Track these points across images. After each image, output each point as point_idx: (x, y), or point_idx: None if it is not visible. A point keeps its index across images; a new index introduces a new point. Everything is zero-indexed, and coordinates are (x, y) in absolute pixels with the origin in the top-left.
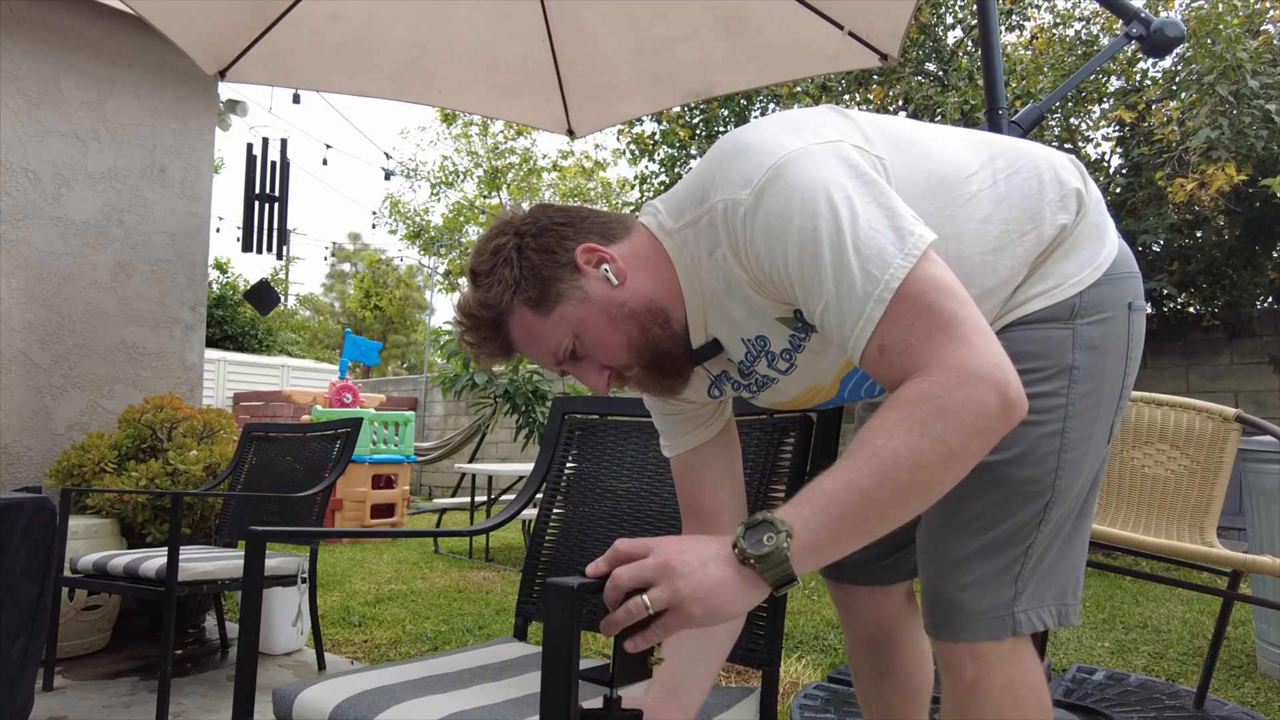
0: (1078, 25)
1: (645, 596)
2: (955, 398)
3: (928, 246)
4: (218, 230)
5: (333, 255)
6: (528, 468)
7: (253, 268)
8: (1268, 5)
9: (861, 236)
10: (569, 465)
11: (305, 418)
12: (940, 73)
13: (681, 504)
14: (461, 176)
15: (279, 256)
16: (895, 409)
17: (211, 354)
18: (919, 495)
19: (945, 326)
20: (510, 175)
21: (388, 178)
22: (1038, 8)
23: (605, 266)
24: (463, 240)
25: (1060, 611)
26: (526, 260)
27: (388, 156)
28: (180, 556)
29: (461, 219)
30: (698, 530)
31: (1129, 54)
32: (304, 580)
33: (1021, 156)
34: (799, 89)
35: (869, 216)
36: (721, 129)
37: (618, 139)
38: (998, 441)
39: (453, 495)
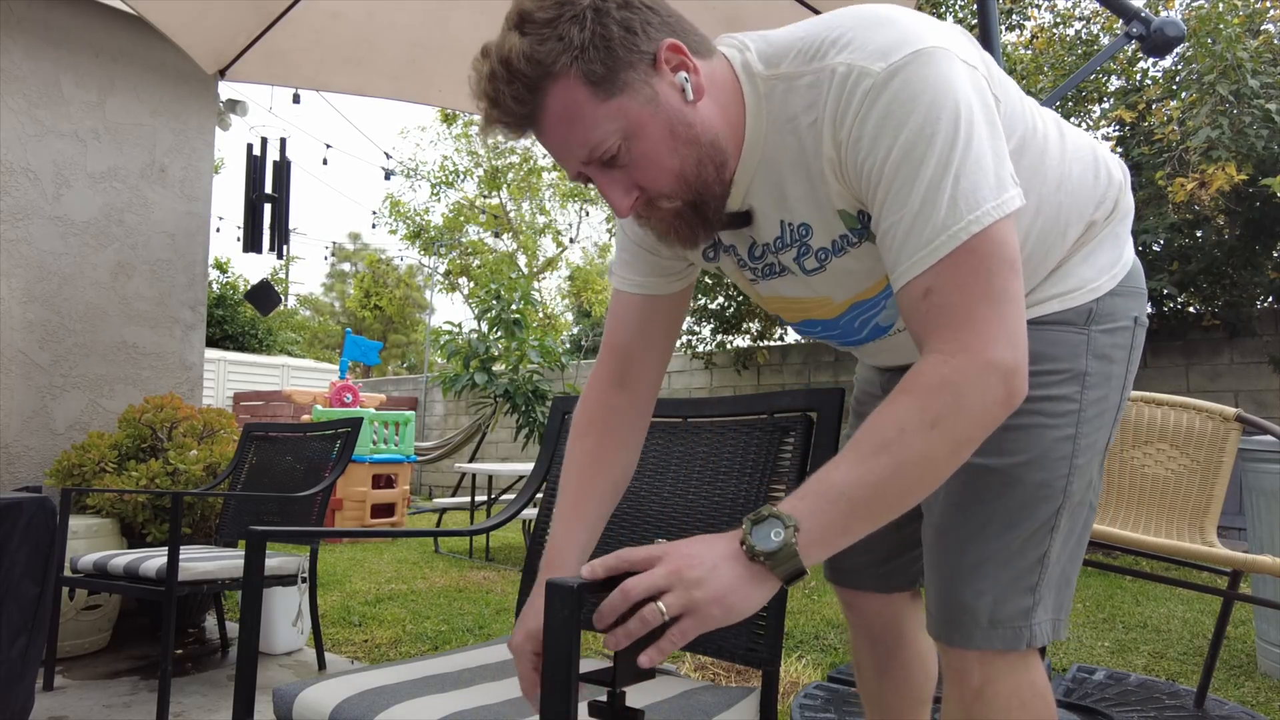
0: (1078, 25)
1: (660, 604)
2: (972, 392)
3: (1014, 210)
4: (218, 230)
5: (333, 255)
6: (528, 468)
7: (253, 268)
8: (1268, 5)
9: (969, 165)
10: None
11: (305, 417)
12: None
13: (610, 339)
14: (461, 176)
15: (279, 256)
16: (912, 396)
17: (211, 354)
18: (926, 486)
19: (994, 298)
20: (510, 175)
21: (388, 178)
22: (1038, 7)
23: (685, 75)
24: (463, 240)
25: (1055, 626)
26: (604, 28)
27: (388, 156)
28: (180, 556)
29: (461, 219)
30: (615, 366)
31: (1129, 54)
32: (304, 580)
33: (1084, 146)
34: None
35: (980, 151)
36: None
37: None
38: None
39: (453, 495)
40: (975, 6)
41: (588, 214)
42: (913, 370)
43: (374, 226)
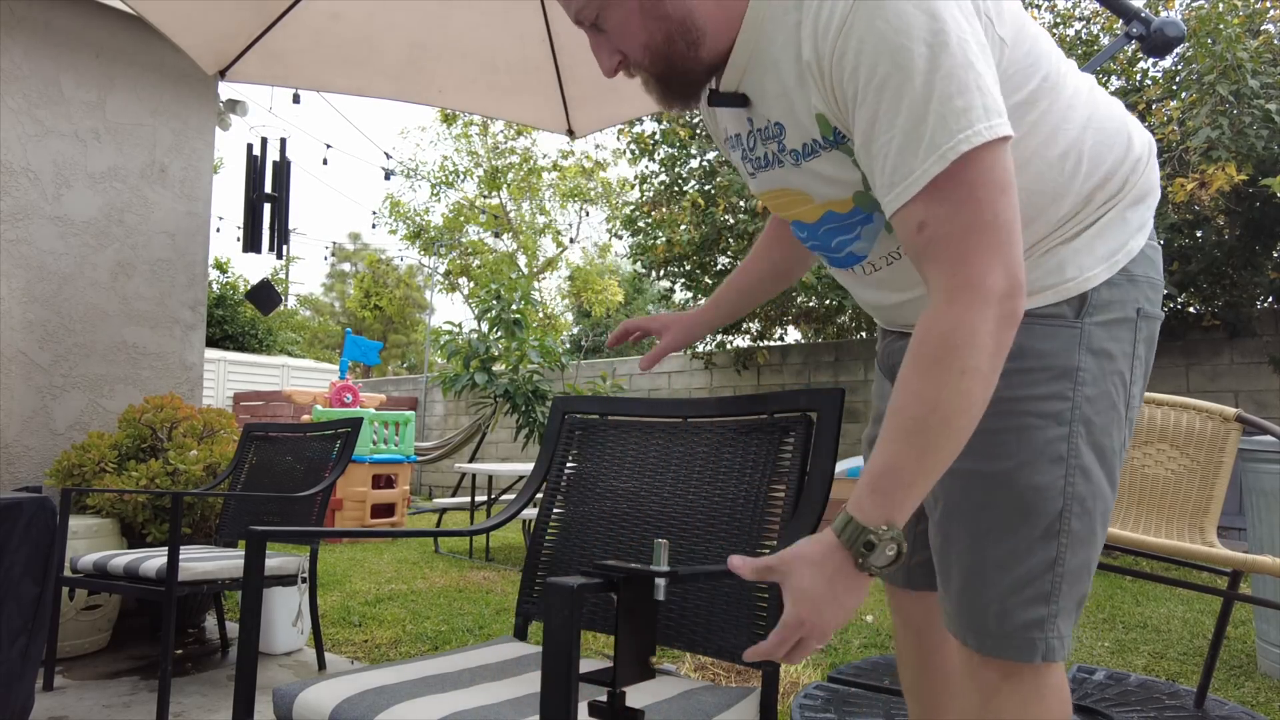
0: (1078, 25)
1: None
2: (981, 327)
3: (1005, 136)
4: (218, 230)
5: (333, 255)
6: (528, 468)
7: (253, 268)
8: (1268, 5)
9: (956, 83)
10: (569, 465)
11: (305, 417)
12: None
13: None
14: (461, 176)
15: (279, 256)
16: (932, 350)
17: (211, 354)
18: (976, 419)
19: (985, 226)
20: (510, 175)
21: (388, 178)
22: (1038, 8)
23: None
24: (463, 240)
25: (1064, 642)
26: None
27: (388, 156)
28: (180, 556)
29: (461, 219)
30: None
31: (1129, 54)
32: (304, 580)
33: (1115, 116)
34: None
35: (970, 76)
36: None
37: (618, 139)
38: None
39: (453, 495)
40: None
41: (588, 214)
42: (923, 323)
43: (374, 226)
